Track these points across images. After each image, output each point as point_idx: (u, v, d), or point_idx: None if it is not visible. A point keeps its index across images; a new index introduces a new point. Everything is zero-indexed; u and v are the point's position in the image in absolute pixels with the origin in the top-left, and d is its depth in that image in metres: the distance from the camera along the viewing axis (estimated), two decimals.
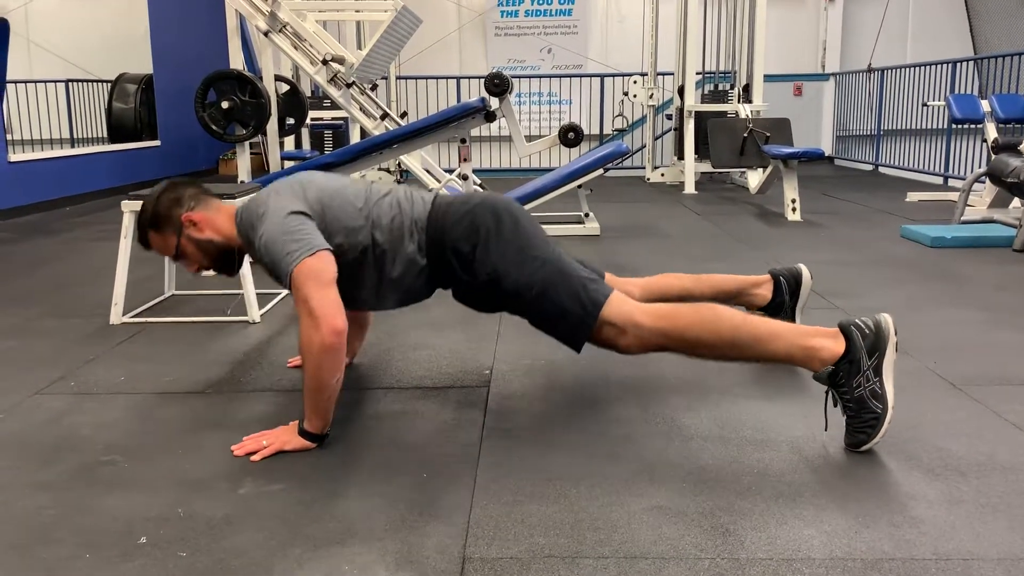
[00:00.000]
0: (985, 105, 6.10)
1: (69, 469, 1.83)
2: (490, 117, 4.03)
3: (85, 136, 10.52)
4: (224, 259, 2.14)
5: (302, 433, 1.90)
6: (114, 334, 2.93)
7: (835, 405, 1.87)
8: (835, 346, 1.86)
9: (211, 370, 2.51)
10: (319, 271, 1.89)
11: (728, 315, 1.98)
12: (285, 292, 3.49)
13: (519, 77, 10.04)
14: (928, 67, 8.28)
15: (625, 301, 2.03)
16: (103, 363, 2.60)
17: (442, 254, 2.08)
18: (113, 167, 7.92)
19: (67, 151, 7.69)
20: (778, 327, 1.98)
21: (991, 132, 6.00)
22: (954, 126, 7.49)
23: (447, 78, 10.20)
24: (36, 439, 2.00)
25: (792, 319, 2.42)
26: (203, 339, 2.86)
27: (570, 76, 10.44)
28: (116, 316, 3.06)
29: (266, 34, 4.92)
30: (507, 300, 2.08)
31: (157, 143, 8.78)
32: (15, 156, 6.58)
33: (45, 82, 10.36)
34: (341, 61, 5.06)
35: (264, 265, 2.00)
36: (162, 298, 3.42)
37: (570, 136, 5.43)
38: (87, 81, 10.50)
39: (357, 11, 6.43)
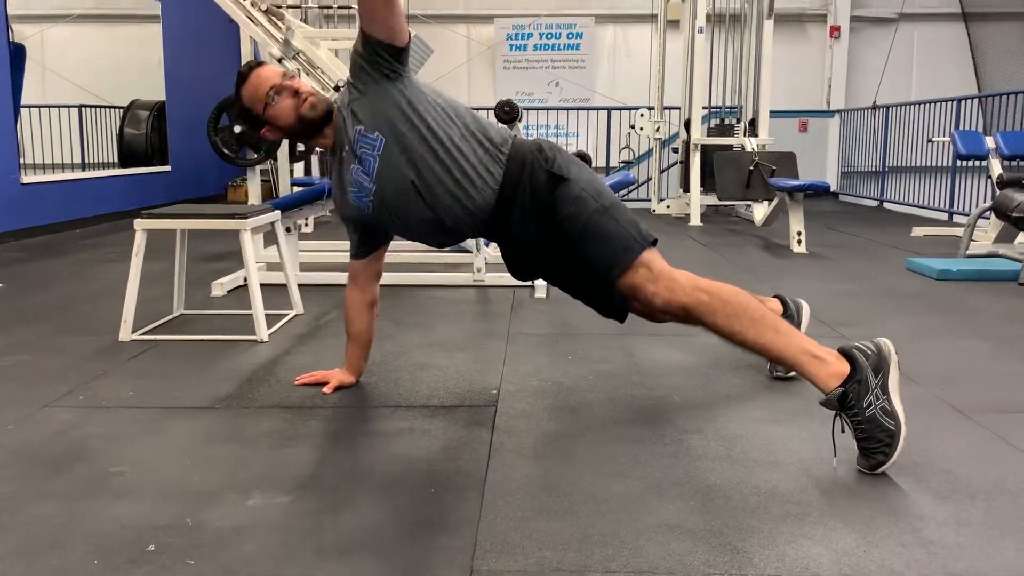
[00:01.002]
0: (990, 142, 6.15)
1: (78, 479, 1.83)
2: None
3: (96, 161, 10.63)
4: (324, 114, 2.24)
5: None
6: (123, 351, 2.95)
7: (843, 431, 1.88)
8: (840, 366, 1.88)
9: (219, 386, 2.52)
10: None
11: (755, 299, 2.09)
12: (293, 312, 3.51)
13: (528, 109, 10.13)
14: (933, 104, 8.35)
15: (664, 261, 2.15)
16: (112, 378, 2.62)
17: (526, 153, 2.19)
18: (124, 191, 7.99)
19: (79, 174, 7.77)
20: (795, 330, 2.06)
21: (996, 168, 6.04)
22: (959, 163, 7.53)
23: None
24: (45, 449, 2.01)
25: None
26: (212, 357, 2.88)
27: (577, 109, 10.54)
28: (125, 333, 3.08)
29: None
30: (570, 205, 2.12)
31: (167, 168, 8.86)
32: (28, 178, 6.65)
33: (59, 107, 10.50)
34: None
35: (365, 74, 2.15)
36: (171, 317, 3.44)
37: None
38: (100, 107, 10.63)
39: None
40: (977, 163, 6.48)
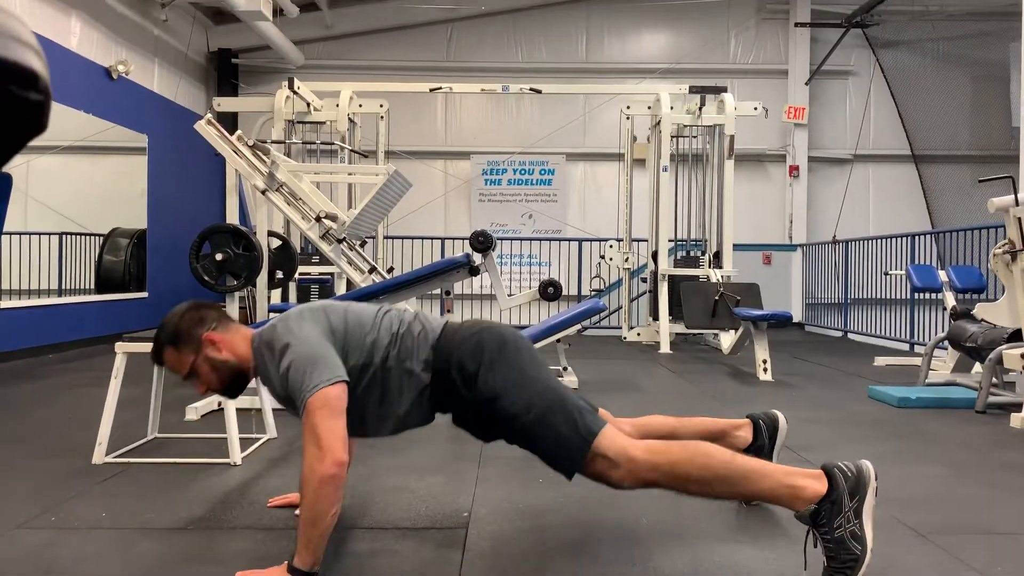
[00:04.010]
0: (943, 275, 6.43)
1: None
2: (474, 271, 4.23)
3: (73, 287, 10.69)
4: (233, 381, 2.21)
5: (291, 570, 1.90)
6: (97, 473, 2.95)
7: (815, 546, 1.93)
8: (818, 486, 1.94)
9: (192, 508, 2.54)
10: (333, 401, 1.98)
11: (717, 452, 2.04)
12: (267, 436, 3.54)
13: (501, 239, 10.45)
14: (889, 239, 8.72)
15: (618, 435, 2.08)
16: (85, 500, 2.62)
17: (447, 371, 2.16)
18: (100, 316, 8.05)
19: (55, 300, 7.82)
20: (765, 466, 2.05)
21: (950, 300, 6.30)
22: (917, 296, 7.83)
23: (432, 238, 10.61)
24: (16, 570, 2.01)
25: (770, 461, 2.49)
26: (185, 479, 2.89)
27: (549, 239, 10.88)
28: (99, 456, 3.09)
29: (263, 192, 5.19)
30: (505, 422, 2.13)
31: (144, 295, 8.95)
32: (4, 303, 6.70)
33: (39, 234, 10.63)
34: (334, 218, 5.32)
35: (276, 388, 2.10)
36: (145, 440, 3.45)
37: (549, 291, 5.66)
38: (80, 234, 10.79)
39: (350, 174, 6.81)
40: (933, 295, 6.74)
